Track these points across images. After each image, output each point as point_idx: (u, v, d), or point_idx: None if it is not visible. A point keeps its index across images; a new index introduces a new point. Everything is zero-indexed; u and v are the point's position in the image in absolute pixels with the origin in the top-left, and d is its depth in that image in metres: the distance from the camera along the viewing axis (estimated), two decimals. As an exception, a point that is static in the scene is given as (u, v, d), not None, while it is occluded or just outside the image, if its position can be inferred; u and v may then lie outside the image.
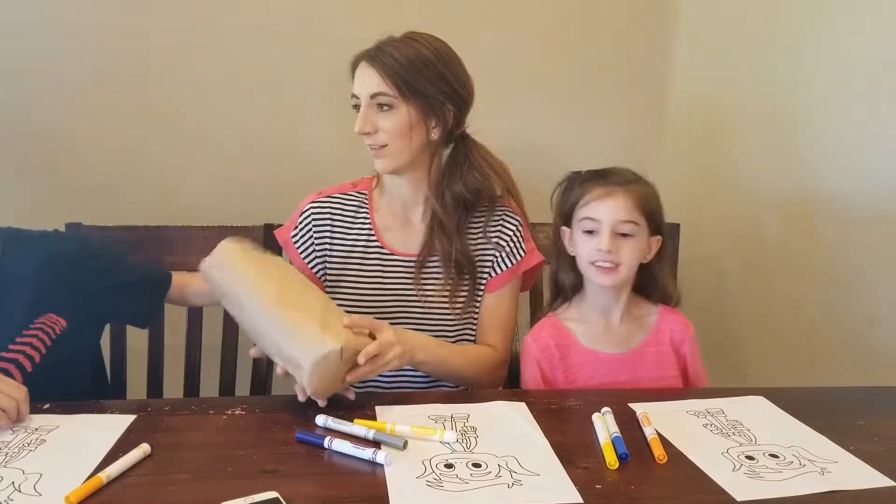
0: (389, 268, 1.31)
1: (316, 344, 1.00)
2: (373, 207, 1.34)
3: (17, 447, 0.92)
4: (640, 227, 1.17)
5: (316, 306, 1.06)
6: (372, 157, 1.26)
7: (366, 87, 1.22)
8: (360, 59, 1.25)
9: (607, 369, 1.21)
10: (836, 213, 1.50)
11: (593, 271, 1.18)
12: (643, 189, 1.19)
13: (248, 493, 0.80)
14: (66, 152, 1.67)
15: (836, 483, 0.87)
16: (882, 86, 1.39)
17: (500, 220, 1.34)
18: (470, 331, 1.34)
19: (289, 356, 1.02)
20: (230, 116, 1.73)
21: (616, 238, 1.16)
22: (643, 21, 1.85)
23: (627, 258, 1.16)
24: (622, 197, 1.16)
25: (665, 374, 1.22)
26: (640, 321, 1.25)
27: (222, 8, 1.68)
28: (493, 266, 1.33)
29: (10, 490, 0.82)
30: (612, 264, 1.16)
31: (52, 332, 1.15)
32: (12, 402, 0.96)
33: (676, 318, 1.25)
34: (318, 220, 1.32)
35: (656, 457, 0.92)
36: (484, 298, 1.34)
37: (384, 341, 1.08)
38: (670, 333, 1.24)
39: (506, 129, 1.32)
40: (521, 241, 1.35)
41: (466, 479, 0.86)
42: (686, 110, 1.89)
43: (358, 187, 1.36)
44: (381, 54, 1.21)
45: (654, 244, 1.21)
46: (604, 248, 1.15)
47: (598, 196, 1.17)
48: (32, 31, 1.62)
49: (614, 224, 1.16)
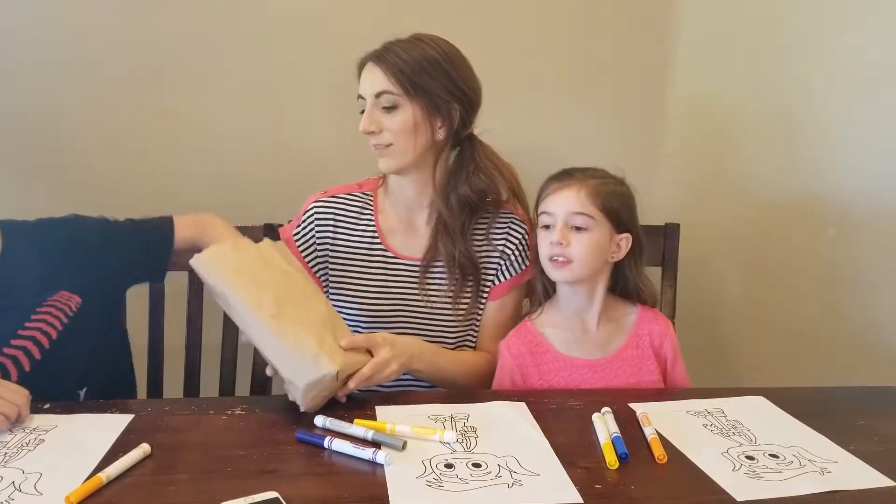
0: (393, 271, 1.31)
1: (310, 366, 0.99)
2: (377, 209, 1.34)
3: (16, 447, 0.92)
4: (595, 221, 1.15)
5: (313, 320, 1.05)
6: (376, 156, 1.26)
7: (371, 86, 1.22)
8: (366, 60, 1.25)
9: (584, 376, 1.19)
10: (836, 213, 1.50)
11: (549, 267, 1.17)
12: (604, 185, 1.16)
13: (248, 493, 0.80)
14: (66, 152, 1.67)
15: (836, 483, 0.87)
16: (882, 86, 1.39)
17: (507, 227, 1.33)
18: (472, 336, 1.34)
19: (282, 372, 1.02)
20: (230, 116, 1.73)
21: (569, 231, 1.15)
22: (643, 21, 1.85)
23: (581, 253, 1.14)
24: (575, 189, 1.15)
25: (643, 380, 1.20)
26: (617, 322, 1.23)
27: (223, 8, 1.68)
28: (497, 273, 1.33)
29: (11, 490, 0.82)
30: (565, 259, 1.15)
31: (67, 309, 1.17)
32: (14, 409, 0.96)
33: (655, 318, 1.24)
34: (321, 220, 1.32)
35: (656, 457, 0.92)
36: (488, 307, 1.34)
37: (380, 360, 1.08)
38: (649, 336, 1.22)
39: (505, 129, 1.32)
40: (527, 249, 1.34)
41: (466, 479, 0.86)
42: (686, 110, 1.89)
43: (363, 188, 1.36)
44: (387, 54, 1.21)
45: (624, 243, 1.18)
46: (554, 241, 1.15)
47: (554, 190, 1.18)
48: (32, 30, 1.62)
49: (566, 216, 1.15)
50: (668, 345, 1.22)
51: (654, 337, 1.22)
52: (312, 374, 0.99)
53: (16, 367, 1.10)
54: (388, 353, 1.10)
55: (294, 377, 1.00)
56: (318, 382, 0.99)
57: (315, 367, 0.99)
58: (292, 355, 1.01)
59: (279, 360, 1.02)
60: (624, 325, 1.23)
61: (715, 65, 1.83)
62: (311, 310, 1.08)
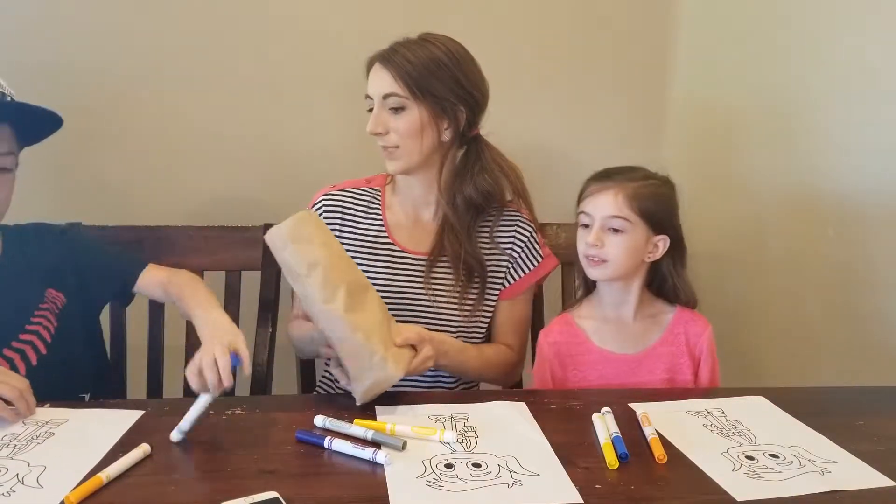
0: (399, 265, 1.31)
1: (378, 368, 1.03)
2: (385, 204, 1.35)
3: (26, 439, 0.93)
4: (631, 225, 1.17)
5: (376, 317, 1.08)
6: (384, 157, 1.26)
7: (378, 87, 1.22)
8: (374, 60, 1.25)
9: (618, 370, 1.21)
10: (836, 212, 1.50)
11: (585, 264, 1.21)
12: (642, 188, 1.18)
13: (248, 493, 0.80)
14: (66, 152, 1.67)
15: (836, 483, 0.87)
16: (882, 86, 1.39)
17: (514, 228, 1.34)
18: (477, 333, 1.35)
19: (348, 365, 1.05)
20: (230, 116, 1.73)
21: (605, 233, 1.17)
22: (643, 21, 1.85)
23: (615, 255, 1.17)
24: (613, 193, 1.17)
25: (677, 378, 1.22)
26: (654, 318, 1.25)
27: (223, 8, 1.68)
28: (506, 275, 1.34)
29: (14, 482, 0.83)
30: (600, 258, 1.18)
31: (54, 308, 1.20)
32: (15, 391, 0.97)
33: (693, 318, 1.25)
34: (330, 212, 1.33)
35: (656, 457, 0.92)
36: (501, 305, 1.35)
37: (423, 358, 1.11)
38: (685, 335, 1.24)
39: (505, 129, 1.32)
40: (537, 246, 1.35)
41: (466, 479, 0.86)
42: (686, 110, 1.89)
43: (372, 183, 1.37)
44: (395, 55, 1.22)
45: (661, 244, 1.20)
46: (590, 242, 1.18)
47: (593, 192, 1.20)
48: (32, 30, 1.62)
49: (603, 219, 1.17)
50: (704, 344, 1.23)
51: (690, 336, 1.24)
52: (377, 375, 1.02)
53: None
54: (430, 350, 1.12)
55: (361, 373, 1.03)
56: (381, 383, 1.03)
57: (382, 370, 1.02)
58: (361, 352, 1.03)
59: (347, 353, 1.05)
60: (660, 322, 1.25)
61: (715, 65, 1.83)
62: (369, 302, 1.10)
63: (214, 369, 0.94)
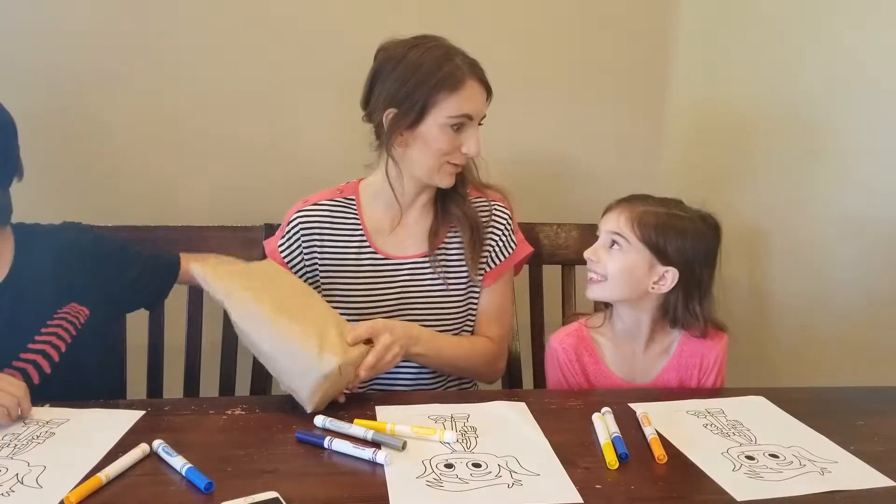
0: (383, 272, 1.31)
1: (314, 366, 0.99)
2: (362, 212, 1.33)
3: (26, 439, 0.93)
4: (629, 245, 1.15)
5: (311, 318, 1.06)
6: (448, 174, 1.26)
7: (482, 107, 1.24)
8: (468, 76, 1.21)
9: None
10: (836, 212, 1.50)
11: (588, 282, 1.21)
12: (648, 214, 1.16)
13: (248, 493, 0.80)
14: (66, 152, 1.67)
15: (836, 483, 0.87)
16: (882, 86, 1.39)
17: (490, 213, 1.33)
18: (469, 326, 1.34)
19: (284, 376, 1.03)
20: (230, 116, 1.72)
21: (604, 248, 1.18)
22: (643, 21, 1.85)
23: (612, 272, 1.16)
24: (617, 212, 1.18)
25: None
26: (661, 344, 1.24)
27: (222, 8, 1.68)
28: (487, 260, 1.33)
29: (13, 482, 0.83)
30: (596, 275, 1.18)
31: (77, 322, 1.18)
32: (13, 399, 0.97)
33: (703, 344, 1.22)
34: (306, 229, 1.31)
35: (656, 457, 0.92)
36: (481, 293, 1.34)
37: (381, 347, 1.09)
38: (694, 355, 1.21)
39: (506, 129, 1.32)
40: (512, 233, 1.35)
41: (466, 479, 0.86)
42: (686, 110, 1.88)
43: (345, 193, 1.35)
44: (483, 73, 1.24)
45: (669, 275, 1.15)
46: (587, 254, 1.19)
47: (606, 211, 1.22)
48: (32, 30, 1.62)
49: (605, 235, 1.19)
50: (712, 357, 1.21)
51: (696, 355, 1.22)
52: (315, 374, 0.99)
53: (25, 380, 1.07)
54: (389, 338, 1.11)
55: (298, 379, 1.01)
56: (324, 380, 1.00)
57: (318, 366, 0.99)
58: (293, 357, 1.01)
59: (283, 363, 1.02)
60: (668, 350, 1.24)
61: (715, 65, 1.83)
62: (310, 308, 1.09)
63: None
